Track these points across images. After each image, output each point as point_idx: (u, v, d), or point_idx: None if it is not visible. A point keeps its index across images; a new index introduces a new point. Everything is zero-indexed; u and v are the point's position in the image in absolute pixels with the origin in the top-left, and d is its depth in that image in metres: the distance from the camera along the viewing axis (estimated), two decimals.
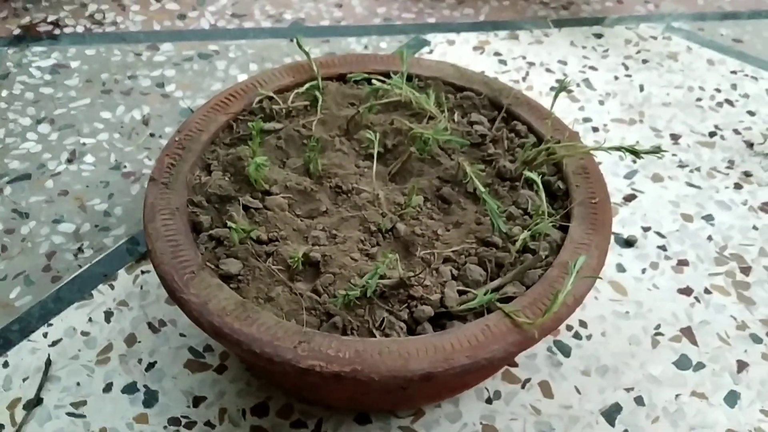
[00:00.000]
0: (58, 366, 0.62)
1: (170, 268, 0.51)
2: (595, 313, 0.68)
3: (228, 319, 0.48)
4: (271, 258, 0.53)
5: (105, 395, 0.60)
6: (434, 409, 0.59)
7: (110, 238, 0.73)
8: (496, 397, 0.61)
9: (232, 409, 0.59)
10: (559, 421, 0.59)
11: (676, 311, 0.69)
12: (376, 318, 0.50)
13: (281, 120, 0.66)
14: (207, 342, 0.63)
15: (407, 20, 1.14)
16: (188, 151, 0.61)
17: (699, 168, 0.86)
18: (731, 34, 1.15)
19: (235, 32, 1.07)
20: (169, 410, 0.59)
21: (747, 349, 0.66)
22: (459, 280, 0.53)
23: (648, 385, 0.62)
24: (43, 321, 0.65)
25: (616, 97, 0.97)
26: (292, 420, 0.58)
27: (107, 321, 0.65)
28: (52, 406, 0.59)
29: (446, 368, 0.46)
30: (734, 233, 0.77)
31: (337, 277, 0.52)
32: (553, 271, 0.52)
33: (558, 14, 1.18)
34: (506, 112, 0.68)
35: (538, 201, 0.56)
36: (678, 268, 0.73)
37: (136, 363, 0.62)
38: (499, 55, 1.05)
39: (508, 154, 0.64)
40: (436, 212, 0.59)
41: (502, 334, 0.48)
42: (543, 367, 0.63)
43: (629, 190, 0.82)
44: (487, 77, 0.73)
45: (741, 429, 0.60)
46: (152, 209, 0.56)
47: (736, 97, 0.99)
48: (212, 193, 0.58)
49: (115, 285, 0.68)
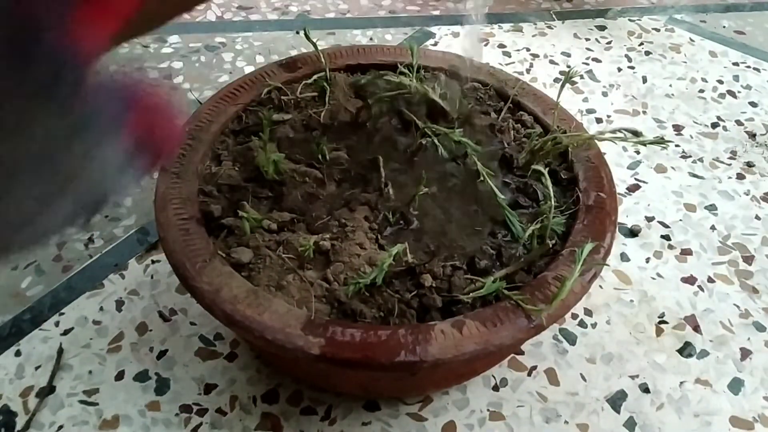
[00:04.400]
0: (70, 354, 0.62)
1: (182, 256, 0.52)
2: (600, 302, 0.69)
3: (240, 307, 0.48)
4: (282, 247, 0.54)
5: (117, 383, 0.60)
6: (442, 396, 0.60)
7: (120, 228, 0.74)
8: (503, 384, 0.61)
9: (243, 396, 0.60)
10: (565, 407, 0.60)
11: (680, 300, 0.69)
12: (386, 306, 0.50)
13: (290, 111, 0.67)
14: (217, 330, 0.64)
15: (412, 12, 1.14)
16: (198, 141, 0.62)
17: (702, 158, 0.87)
18: (733, 26, 1.16)
19: (241, 24, 1.08)
20: (180, 397, 0.59)
21: (750, 337, 0.67)
22: (467, 268, 0.53)
23: (653, 372, 0.63)
24: (54, 310, 0.66)
25: (619, 88, 0.98)
26: (302, 407, 0.59)
27: (118, 310, 0.66)
28: (65, 394, 0.60)
29: (456, 355, 0.47)
30: (737, 223, 0.78)
31: (347, 266, 0.53)
32: (561, 260, 0.53)
33: (561, 6, 1.18)
34: (512, 103, 0.69)
35: (545, 190, 0.57)
36: (682, 257, 0.74)
37: (147, 351, 0.63)
38: (503, 47, 1.05)
39: (515, 143, 0.65)
40: (445, 201, 0.59)
41: (511, 322, 0.48)
42: (549, 355, 0.64)
43: (633, 180, 0.83)
44: (492, 68, 0.73)
45: (745, 416, 0.60)
46: (163, 199, 0.56)
47: (738, 89, 0.99)
48: (223, 183, 0.58)
49: (126, 274, 0.69)
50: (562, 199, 0.59)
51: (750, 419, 0.60)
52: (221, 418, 0.58)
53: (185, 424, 0.58)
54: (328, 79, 0.69)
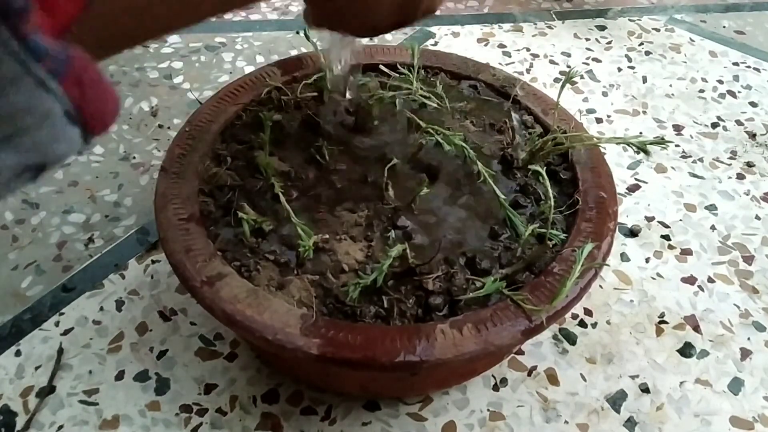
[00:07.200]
0: (70, 354, 0.62)
1: (182, 256, 0.52)
2: (600, 302, 0.69)
3: (240, 307, 0.48)
4: (282, 247, 0.54)
5: (117, 383, 0.60)
6: (442, 396, 0.60)
7: (120, 228, 0.74)
8: (503, 384, 0.61)
9: (243, 396, 0.60)
10: (565, 408, 0.60)
11: (680, 300, 0.69)
12: (386, 306, 0.50)
13: (290, 110, 0.67)
14: (217, 330, 0.64)
15: None
16: (198, 141, 0.62)
17: (702, 159, 0.87)
18: (733, 26, 1.16)
19: (241, 24, 1.08)
20: (180, 397, 0.59)
21: (750, 337, 0.67)
22: (468, 268, 0.53)
23: (653, 372, 0.63)
24: (54, 310, 0.66)
25: (619, 88, 0.98)
26: (302, 407, 0.59)
27: (118, 310, 0.66)
28: (65, 393, 0.60)
29: (456, 355, 0.47)
30: (737, 223, 0.78)
31: (348, 266, 0.53)
32: (561, 260, 0.53)
33: (561, 6, 1.18)
34: (513, 103, 0.69)
35: (545, 190, 0.57)
36: (682, 257, 0.74)
37: (147, 351, 0.63)
38: (503, 47, 1.05)
39: (514, 143, 0.65)
40: (446, 202, 0.59)
41: (511, 321, 0.48)
42: (549, 355, 0.64)
43: (633, 180, 0.83)
44: (493, 68, 0.73)
45: (745, 416, 0.61)
46: (163, 198, 0.56)
47: (738, 89, 0.99)
48: (223, 183, 0.58)
49: (126, 274, 0.69)
50: (562, 199, 0.59)
51: (750, 419, 0.60)
52: (221, 418, 0.58)
53: (185, 424, 0.58)
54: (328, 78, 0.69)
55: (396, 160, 0.60)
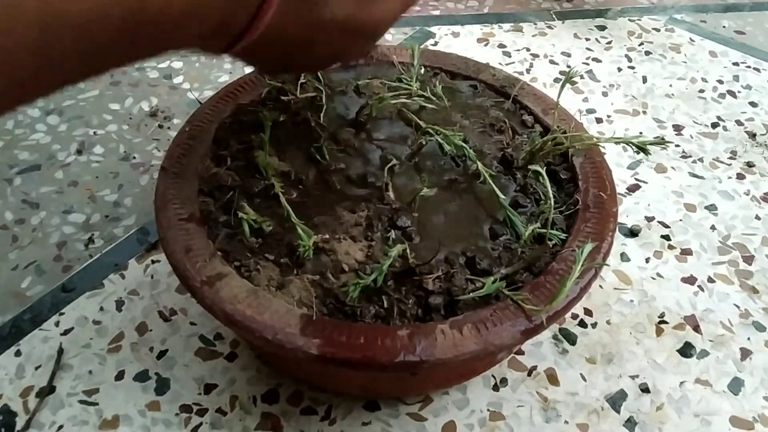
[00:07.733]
0: (70, 354, 0.62)
1: (182, 256, 0.52)
2: (599, 302, 0.69)
3: (240, 307, 0.48)
4: (282, 247, 0.54)
5: (117, 383, 0.60)
6: (442, 396, 0.60)
7: (120, 229, 0.74)
8: (503, 384, 0.62)
9: (243, 396, 0.60)
10: (565, 408, 0.60)
11: (680, 300, 0.69)
12: (386, 305, 0.50)
13: (289, 110, 0.67)
14: (217, 330, 0.64)
15: (412, 12, 1.14)
16: (198, 141, 0.62)
17: (702, 159, 0.87)
18: (733, 26, 1.16)
19: None
20: (180, 397, 0.59)
21: (750, 337, 0.67)
22: (468, 268, 0.53)
23: (653, 372, 0.63)
24: (54, 310, 0.66)
25: (619, 88, 0.98)
26: (303, 407, 0.59)
27: (118, 310, 0.66)
28: (65, 393, 0.60)
29: (456, 354, 0.47)
30: (737, 223, 0.78)
31: (348, 266, 0.53)
32: (561, 260, 0.53)
33: (561, 6, 1.18)
34: (513, 102, 0.69)
35: (545, 190, 0.57)
36: (682, 257, 0.74)
37: (147, 351, 0.63)
38: (503, 47, 1.05)
39: (514, 143, 0.65)
40: (446, 201, 0.59)
41: (511, 321, 0.48)
42: (549, 355, 0.64)
43: (633, 180, 0.83)
44: (493, 68, 0.73)
45: (745, 416, 0.61)
46: (163, 198, 0.56)
47: (738, 89, 0.99)
48: (223, 183, 0.58)
49: (126, 274, 0.69)
50: (562, 199, 0.59)
51: (750, 419, 0.60)
52: (221, 418, 0.58)
53: (185, 424, 0.58)
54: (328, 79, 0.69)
55: (396, 160, 0.60)
